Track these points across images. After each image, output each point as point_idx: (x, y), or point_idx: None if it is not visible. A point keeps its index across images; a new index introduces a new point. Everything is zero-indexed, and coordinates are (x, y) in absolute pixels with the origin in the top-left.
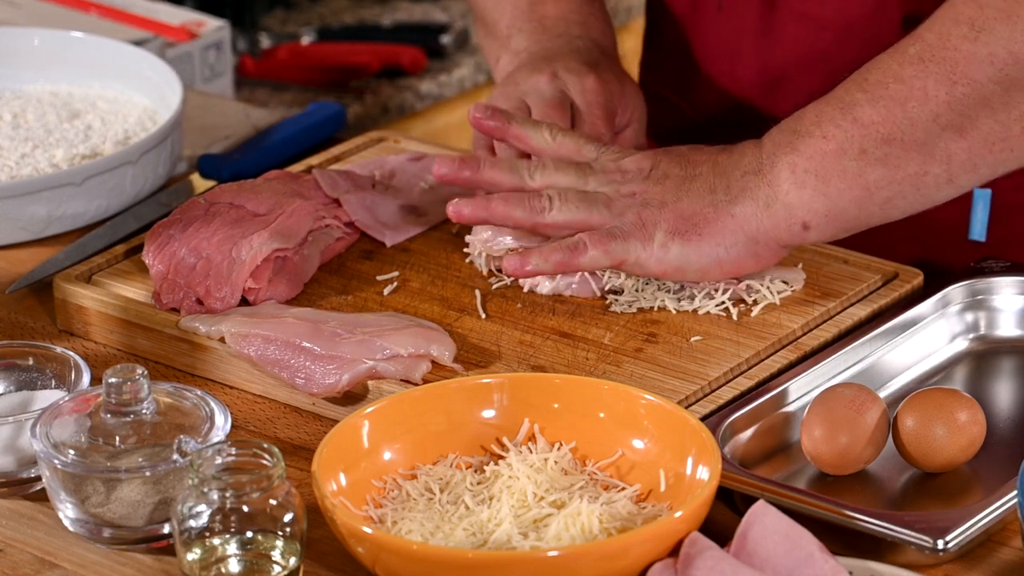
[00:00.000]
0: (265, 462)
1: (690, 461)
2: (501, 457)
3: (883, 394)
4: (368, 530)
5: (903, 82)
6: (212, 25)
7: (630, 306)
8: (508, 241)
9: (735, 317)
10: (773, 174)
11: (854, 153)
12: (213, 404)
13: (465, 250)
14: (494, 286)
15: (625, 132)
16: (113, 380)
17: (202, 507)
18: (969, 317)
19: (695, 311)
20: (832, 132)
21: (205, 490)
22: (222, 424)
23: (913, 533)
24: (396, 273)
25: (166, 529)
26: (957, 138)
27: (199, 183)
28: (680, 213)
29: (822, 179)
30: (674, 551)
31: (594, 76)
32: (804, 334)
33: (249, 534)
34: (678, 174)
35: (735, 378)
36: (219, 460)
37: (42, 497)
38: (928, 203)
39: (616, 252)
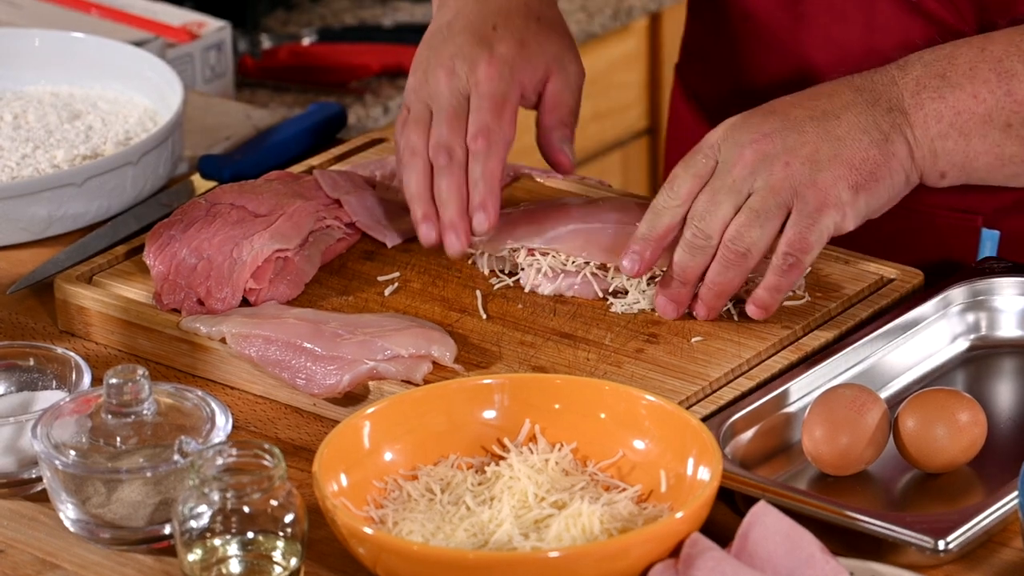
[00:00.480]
0: (266, 463)
1: (691, 462)
2: (502, 458)
3: (884, 395)
4: (369, 531)
5: None
6: (213, 26)
7: (631, 307)
8: (509, 242)
9: (735, 317)
10: (919, 116)
11: (1000, 124)
12: (214, 405)
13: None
14: (495, 287)
15: (558, 99)
16: (114, 381)
17: (203, 508)
18: (970, 318)
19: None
20: (984, 95)
21: (206, 491)
22: (223, 425)
23: (914, 534)
24: (397, 274)
25: (167, 530)
26: None
27: (200, 184)
28: (850, 164)
29: (964, 136)
30: (675, 552)
31: (485, 63)
32: (805, 335)
33: (250, 535)
34: (812, 120)
35: (736, 379)
36: (220, 461)
37: (43, 498)
38: None
39: (821, 237)
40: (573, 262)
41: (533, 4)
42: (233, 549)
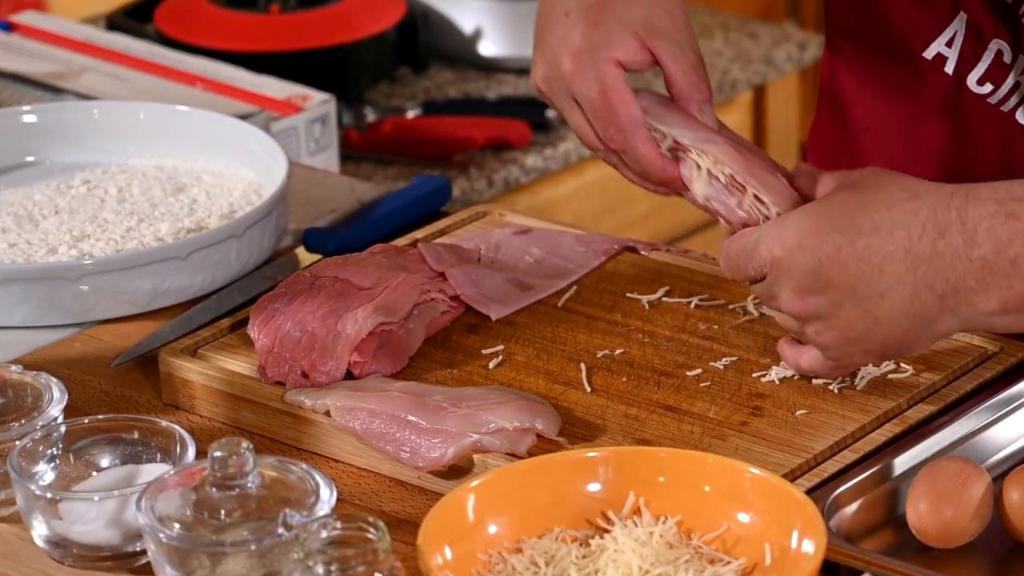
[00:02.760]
0: (371, 536)
1: (795, 535)
2: (606, 531)
3: (988, 468)
4: None
5: None
6: (317, 99)
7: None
8: (659, 126)
9: (835, 391)
10: (980, 299)
11: None
12: (318, 477)
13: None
14: (598, 355)
15: (670, 70)
16: (218, 454)
17: None
18: None
19: (799, 384)
20: None
21: (310, 564)
22: (327, 497)
23: None
24: (501, 347)
25: None
26: None
27: (304, 257)
28: (882, 343)
29: (1020, 314)
30: None
31: (567, 58)
32: (909, 407)
33: None
34: (853, 301)
35: (840, 451)
36: (324, 534)
37: (147, 571)
38: None
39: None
40: (721, 170)
41: None
42: None
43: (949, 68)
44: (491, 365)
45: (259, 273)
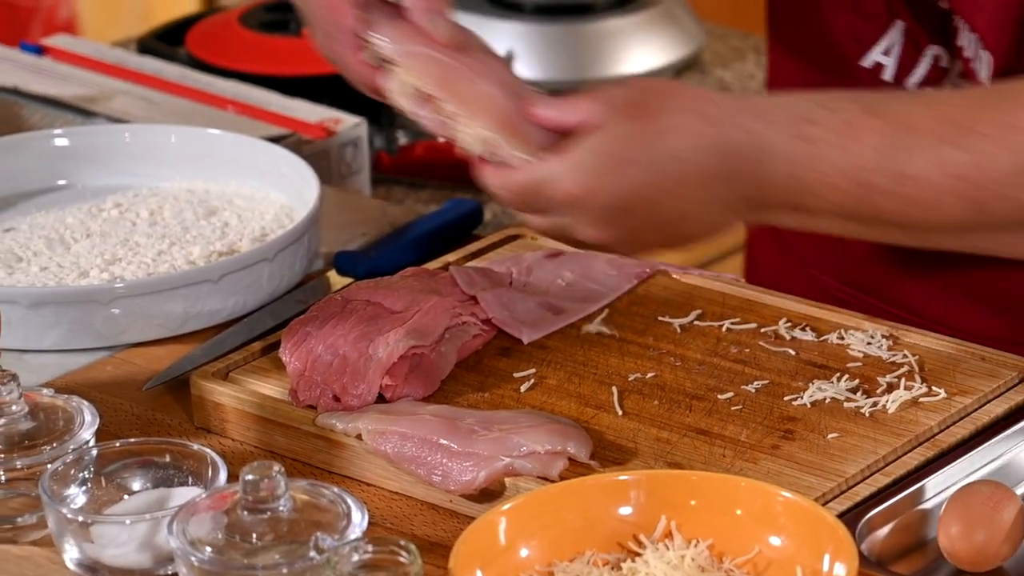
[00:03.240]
0: (402, 559)
1: (827, 558)
2: (638, 554)
3: (1020, 491)
4: None
5: (928, 190)
6: (349, 122)
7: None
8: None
9: (867, 414)
10: (771, 214)
11: (856, 223)
12: (350, 501)
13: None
14: (630, 378)
15: None
16: (250, 477)
17: None
18: None
19: (831, 407)
20: (841, 200)
21: None
22: (359, 521)
23: None
24: (533, 370)
25: None
26: (951, 237)
27: (336, 280)
28: (673, 238)
29: (812, 217)
30: None
31: None
32: (941, 431)
33: None
34: (656, 230)
35: (872, 475)
36: (356, 557)
37: None
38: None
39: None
40: (425, 84)
41: None
42: None
43: (888, 75)
44: (523, 388)
45: (291, 296)
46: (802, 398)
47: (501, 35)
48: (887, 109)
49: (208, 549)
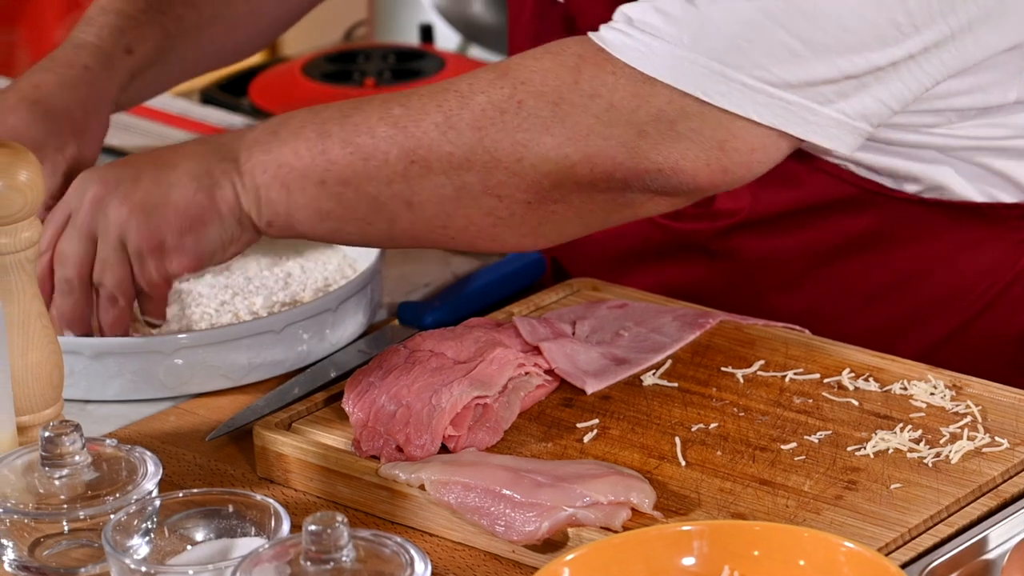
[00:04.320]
0: None
1: None
2: None
3: None
4: None
5: (373, 138)
6: None
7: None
8: None
9: (930, 464)
10: (248, 166)
11: (315, 180)
12: (413, 551)
13: None
14: (693, 428)
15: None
16: (313, 527)
17: None
18: None
19: (894, 458)
20: (303, 153)
21: None
22: (422, 571)
23: None
24: (596, 421)
25: None
26: (405, 209)
27: (399, 330)
28: (176, 209)
29: (286, 188)
30: None
31: None
32: (1004, 481)
33: None
34: (152, 168)
35: (935, 525)
36: None
37: None
38: (372, 246)
39: (150, 279)
40: None
41: (42, 84)
42: None
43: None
44: (586, 439)
45: (353, 347)
46: (865, 448)
47: None
48: (355, 99)
49: None
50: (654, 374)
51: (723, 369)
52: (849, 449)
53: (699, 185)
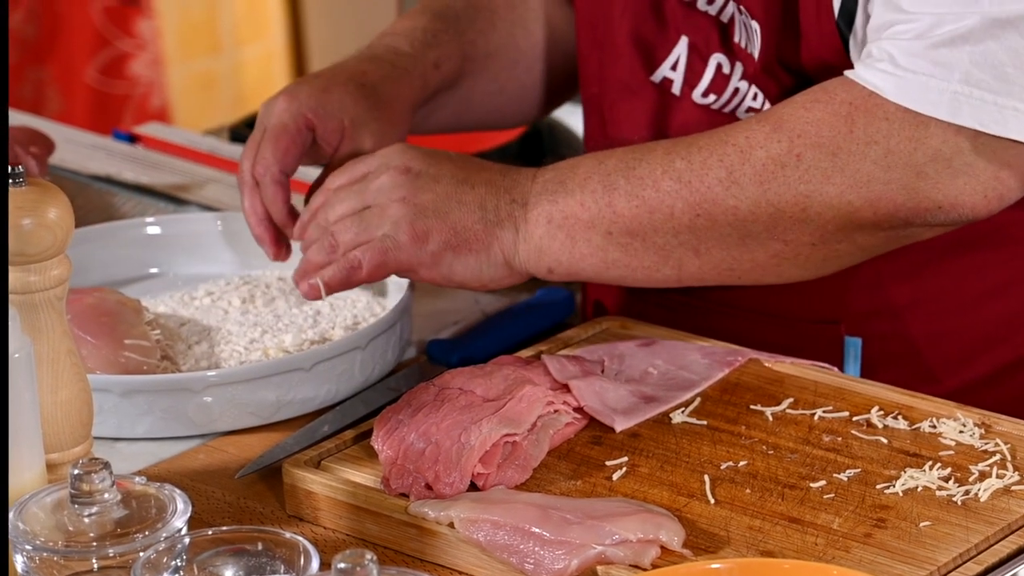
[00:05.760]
0: None
1: None
2: None
3: None
4: None
5: (658, 192)
6: None
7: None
8: None
9: (959, 503)
10: (533, 215)
11: (601, 231)
12: None
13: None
14: (722, 466)
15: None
16: (342, 565)
17: None
18: None
19: (923, 495)
20: (589, 204)
21: None
22: None
23: None
24: (625, 458)
25: None
26: (692, 255)
27: (428, 368)
28: (453, 226)
29: (570, 239)
30: None
31: (283, 97)
32: None
33: None
34: (451, 180)
35: (964, 563)
36: None
37: None
38: (659, 287)
39: (391, 264)
40: None
41: (369, 72)
42: None
43: (676, 89)
44: (615, 476)
45: (383, 384)
46: (894, 486)
47: None
48: (639, 144)
49: None
50: (683, 412)
51: (752, 407)
52: (878, 487)
53: (977, 215)
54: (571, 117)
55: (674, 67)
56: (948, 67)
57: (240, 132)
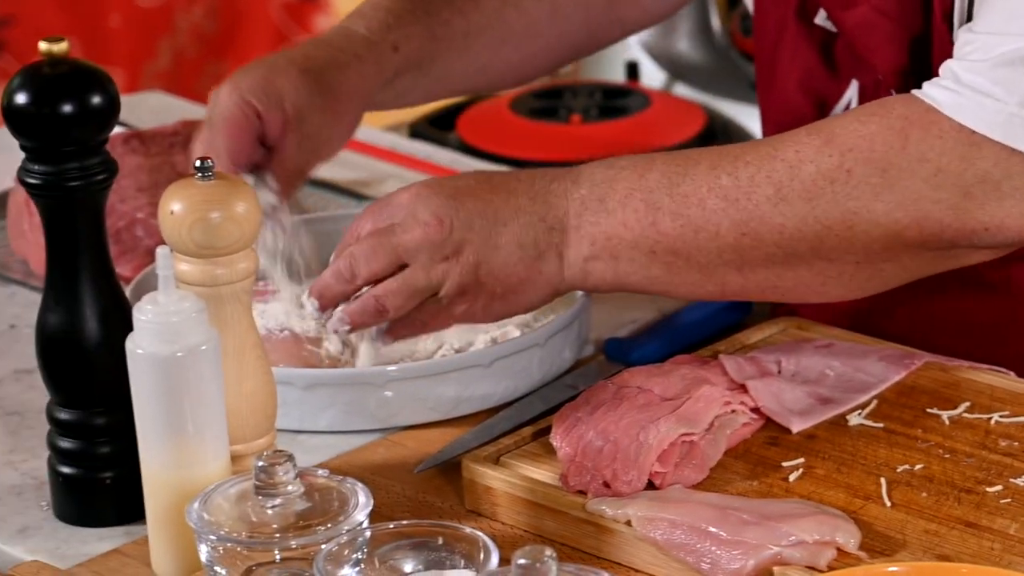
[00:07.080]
0: None
1: None
2: None
3: None
4: None
5: (704, 211)
6: None
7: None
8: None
9: None
10: (574, 239)
11: (645, 249)
12: None
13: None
14: (898, 469)
15: (283, 154)
16: (523, 561)
17: None
18: None
19: None
20: (632, 224)
21: None
22: None
23: None
24: (801, 460)
25: None
26: (735, 273)
27: (606, 366)
28: (494, 275)
29: (613, 259)
30: None
31: (227, 88)
32: None
33: None
34: (482, 221)
35: None
36: None
37: None
38: (702, 300)
39: (451, 323)
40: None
41: (315, 57)
42: None
43: None
44: (791, 478)
45: (561, 382)
46: None
47: None
48: (679, 152)
49: None
50: (860, 414)
51: (928, 411)
52: None
53: (1023, 240)
54: (748, 118)
55: (847, 109)
56: (1007, 87)
57: (420, 129)
